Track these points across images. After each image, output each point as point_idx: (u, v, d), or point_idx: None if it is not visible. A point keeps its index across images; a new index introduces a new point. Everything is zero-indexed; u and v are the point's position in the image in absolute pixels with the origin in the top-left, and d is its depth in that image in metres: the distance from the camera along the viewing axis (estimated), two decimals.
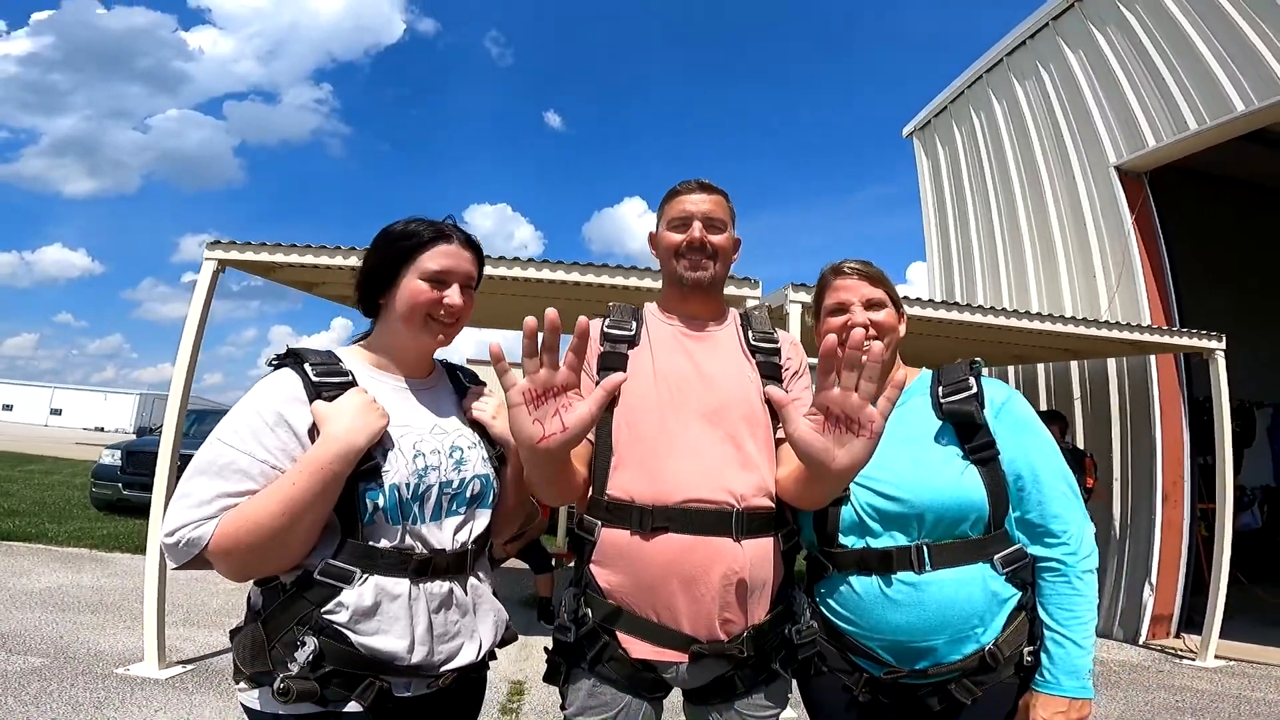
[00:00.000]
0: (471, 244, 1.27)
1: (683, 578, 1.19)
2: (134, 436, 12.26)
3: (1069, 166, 6.53)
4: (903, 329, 1.42)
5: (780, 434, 1.26)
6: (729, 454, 1.26)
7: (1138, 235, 5.89)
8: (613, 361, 1.34)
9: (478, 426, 1.30)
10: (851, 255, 1.45)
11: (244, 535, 1.01)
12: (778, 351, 1.41)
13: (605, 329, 1.39)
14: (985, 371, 1.42)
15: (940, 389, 1.36)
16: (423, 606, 1.12)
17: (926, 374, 1.44)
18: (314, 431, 1.08)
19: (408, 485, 1.12)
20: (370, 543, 1.09)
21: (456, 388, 1.35)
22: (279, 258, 4.03)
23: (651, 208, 1.49)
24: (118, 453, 8.73)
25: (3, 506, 8.35)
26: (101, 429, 47.91)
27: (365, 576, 1.08)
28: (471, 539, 1.21)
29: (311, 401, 1.09)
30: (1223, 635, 5.01)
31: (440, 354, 1.35)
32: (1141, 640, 5.50)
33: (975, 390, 1.33)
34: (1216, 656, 4.98)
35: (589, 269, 4.09)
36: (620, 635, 1.22)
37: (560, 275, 4.03)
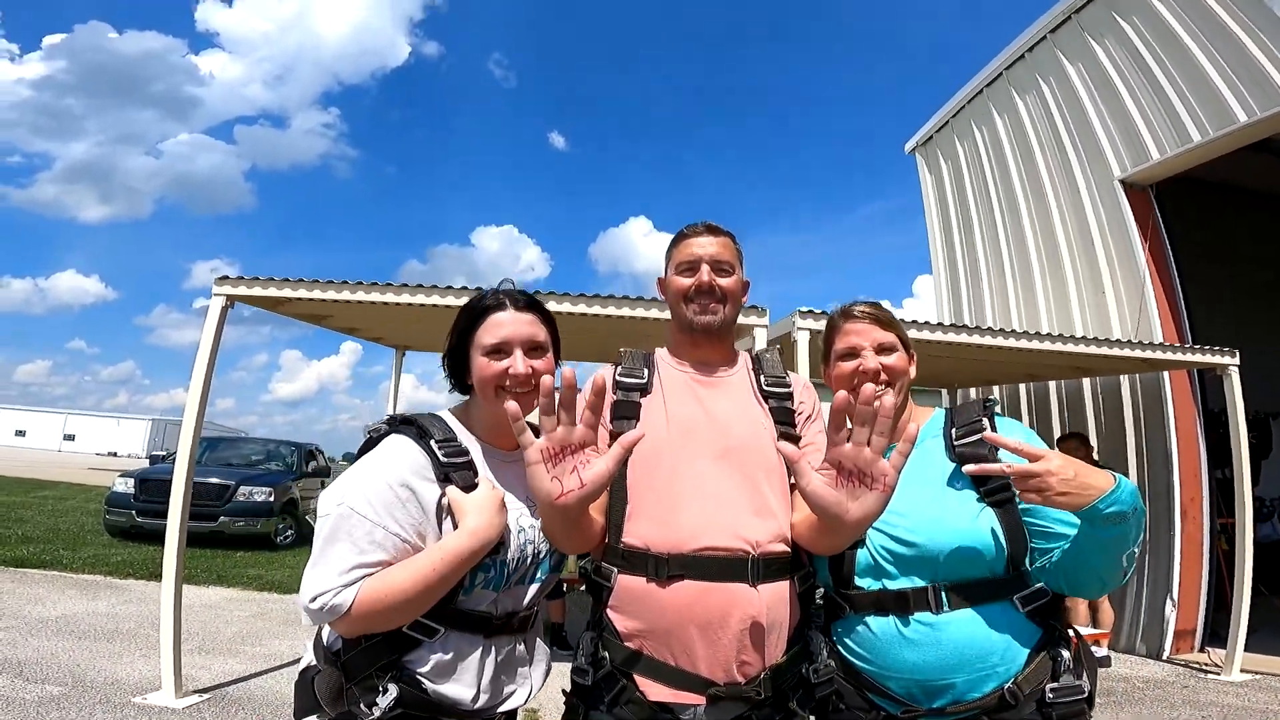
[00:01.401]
0: (532, 305, 1.30)
1: (700, 623, 1.20)
2: (147, 462, 12.34)
3: (1073, 180, 6.53)
4: (913, 370, 1.42)
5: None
6: (744, 500, 1.27)
7: (1146, 249, 5.87)
8: (626, 410, 1.35)
9: None
10: (858, 274, 1.46)
11: (380, 606, 1.09)
12: (790, 395, 1.41)
13: (617, 377, 1.40)
14: (997, 410, 1.41)
15: (954, 430, 1.36)
16: (491, 660, 1.22)
17: (939, 414, 1.44)
18: (440, 509, 1.17)
19: (513, 559, 1.22)
20: (460, 607, 1.18)
21: None
22: (287, 292, 4.05)
23: (656, 227, 1.51)
24: (131, 480, 8.80)
25: (17, 533, 8.41)
26: (115, 454, 48.24)
27: (447, 633, 1.17)
28: (538, 601, 1.31)
29: (440, 480, 1.18)
30: (1247, 649, 4.94)
31: None
32: (1165, 656, 5.43)
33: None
34: (1242, 670, 4.91)
35: (595, 300, 4.11)
36: (638, 678, 1.23)
37: (567, 307, 4.04)
